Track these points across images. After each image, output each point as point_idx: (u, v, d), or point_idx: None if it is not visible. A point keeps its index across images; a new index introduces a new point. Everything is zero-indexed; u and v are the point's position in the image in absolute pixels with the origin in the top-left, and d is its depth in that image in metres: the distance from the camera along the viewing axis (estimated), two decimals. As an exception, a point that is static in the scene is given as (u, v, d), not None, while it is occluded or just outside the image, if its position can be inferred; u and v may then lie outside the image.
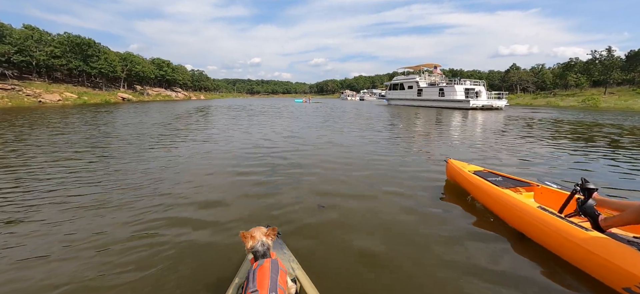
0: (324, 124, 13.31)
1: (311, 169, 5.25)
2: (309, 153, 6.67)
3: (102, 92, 46.87)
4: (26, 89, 34.94)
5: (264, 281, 1.33)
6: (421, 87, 35.29)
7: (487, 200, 3.26)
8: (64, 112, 19.82)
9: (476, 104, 27.18)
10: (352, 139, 9.01)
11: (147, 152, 6.54)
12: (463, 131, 11.83)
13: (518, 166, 5.63)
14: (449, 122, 15.43)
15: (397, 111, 25.91)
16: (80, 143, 7.60)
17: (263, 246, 1.58)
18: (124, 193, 3.88)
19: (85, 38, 44.80)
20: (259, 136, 9.28)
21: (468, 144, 8.17)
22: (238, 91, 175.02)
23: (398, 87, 40.61)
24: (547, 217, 2.43)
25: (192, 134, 9.83)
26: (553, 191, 3.02)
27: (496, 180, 3.39)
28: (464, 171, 3.81)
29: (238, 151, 6.89)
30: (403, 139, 9.21)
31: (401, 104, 38.90)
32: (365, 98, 76.11)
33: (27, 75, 41.64)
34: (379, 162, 5.83)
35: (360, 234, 2.82)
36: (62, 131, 9.82)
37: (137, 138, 8.60)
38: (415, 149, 7.41)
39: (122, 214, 3.22)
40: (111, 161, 5.74)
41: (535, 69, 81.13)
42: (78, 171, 4.92)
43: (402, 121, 16.01)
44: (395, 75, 50.73)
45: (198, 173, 4.95)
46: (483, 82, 30.26)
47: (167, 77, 72.20)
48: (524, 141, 8.75)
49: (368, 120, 16.22)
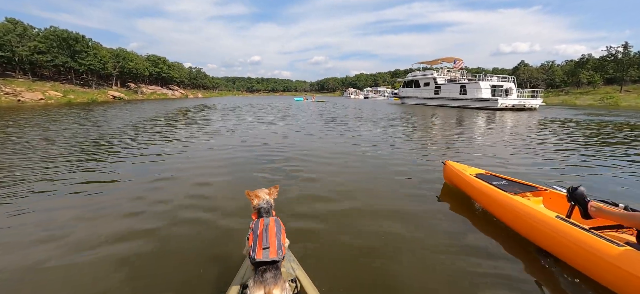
0: (346, 133, 10.50)
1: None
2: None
3: (91, 90, 44.04)
4: (5, 87, 32.21)
5: (272, 238, 1.52)
6: (439, 84, 31.73)
7: (496, 208, 2.98)
8: (32, 113, 17.07)
9: (505, 104, 23.75)
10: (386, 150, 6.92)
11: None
12: (490, 136, 9.63)
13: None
14: (472, 125, 12.98)
15: (411, 111, 23.21)
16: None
17: (267, 204, 1.78)
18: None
19: (72, 32, 41.83)
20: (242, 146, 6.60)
21: (500, 156, 6.28)
22: (238, 89, 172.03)
23: (413, 85, 36.99)
24: (571, 231, 2.18)
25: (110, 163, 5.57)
26: (562, 195, 2.80)
27: (501, 184, 3.15)
28: (465, 175, 3.54)
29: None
30: (412, 144, 7.90)
31: (416, 103, 35.45)
32: (369, 96, 73.24)
33: (10, 72, 38.94)
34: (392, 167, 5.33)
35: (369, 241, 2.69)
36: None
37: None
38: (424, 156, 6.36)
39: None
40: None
41: (545, 66, 78.66)
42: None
43: (416, 123, 13.38)
44: (398, 73, 47.31)
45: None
46: (513, 78, 26.47)
47: (162, 74, 69.32)
48: (593, 155, 6.46)
49: (389, 122, 13.69)
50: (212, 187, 4.19)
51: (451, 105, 29.30)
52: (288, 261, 1.92)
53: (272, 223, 1.62)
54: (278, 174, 4.82)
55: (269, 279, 1.42)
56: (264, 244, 1.49)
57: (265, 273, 1.44)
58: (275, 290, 1.41)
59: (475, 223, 3.02)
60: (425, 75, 34.78)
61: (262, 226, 1.59)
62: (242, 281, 1.70)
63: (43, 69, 42.64)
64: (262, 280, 1.42)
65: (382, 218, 3.14)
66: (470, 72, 34.01)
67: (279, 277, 1.46)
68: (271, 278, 1.43)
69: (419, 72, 36.86)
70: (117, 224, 3.02)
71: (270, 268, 1.45)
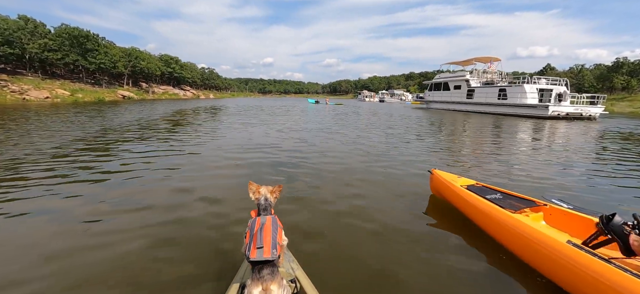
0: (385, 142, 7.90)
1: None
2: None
3: (100, 89, 43.01)
4: (13, 85, 31.20)
5: (267, 238, 1.51)
6: (472, 86, 28.12)
7: (492, 226, 2.63)
8: (21, 113, 15.23)
9: (558, 111, 20.07)
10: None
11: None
12: (547, 156, 7.20)
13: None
14: (516, 138, 10.41)
15: (438, 117, 20.28)
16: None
17: (266, 201, 1.77)
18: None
19: (83, 30, 40.85)
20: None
21: (571, 187, 4.53)
22: (250, 90, 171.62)
23: (441, 87, 33.28)
24: (588, 261, 1.76)
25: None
26: (564, 211, 2.52)
27: (495, 198, 2.85)
28: (454, 186, 3.21)
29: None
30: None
31: (444, 109, 31.91)
32: (385, 99, 70.04)
33: (21, 70, 38.23)
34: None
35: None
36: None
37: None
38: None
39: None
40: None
41: (574, 70, 73.98)
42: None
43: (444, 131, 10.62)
44: (413, 76, 43.87)
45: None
46: (565, 80, 22.44)
47: (175, 74, 68.41)
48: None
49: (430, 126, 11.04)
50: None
51: (487, 112, 25.79)
52: (287, 261, 1.94)
53: (268, 222, 1.61)
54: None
55: (266, 275, 1.43)
56: (258, 244, 1.48)
57: (262, 269, 1.44)
58: (273, 286, 1.42)
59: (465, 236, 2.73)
60: (455, 77, 31.09)
61: (258, 225, 1.59)
62: (242, 280, 1.72)
63: (54, 68, 41.88)
64: (259, 277, 1.43)
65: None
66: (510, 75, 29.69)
67: (276, 273, 1.47)
68: (268, 274, 1.43)
69: (449, 74, 33.10)
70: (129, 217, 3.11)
71: (267, 265, 1.46)
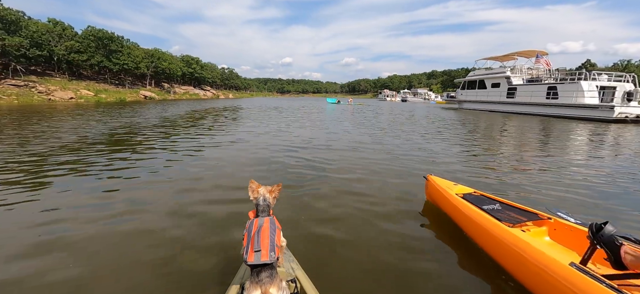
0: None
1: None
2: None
3: (124, 89, 43.69)
4: (40, 86, 31.98)
5: (265, 240, 1.46)
6: (514, 84, 24.97)
7: (486, 241, 2.36)
8: (33, 114, 14.72)
9: (627, 113, 16.93)
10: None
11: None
12: (610, 167, 5.92)
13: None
14: (573, 147, 8.40)
15: (473, 119, 17.89)
16: None
17: (264, 202, 1.71)
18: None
19: (107, 32, 41.61)
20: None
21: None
22: (269, 90, 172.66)
23: (476, 86, 30.11)
24: (590, 288, 1.51)
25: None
26: (570, 226, 2.22)
27: (493, 209, 2.58)
28: (448, 193, 3.00)
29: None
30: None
31: (479, 109, 28.78)
32: (408, 99, 66.88)
33: (50, 71, 39.49)
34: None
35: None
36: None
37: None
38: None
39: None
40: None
41: (618, 65, 67.65)
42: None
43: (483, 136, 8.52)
44: (435, 74, 40.47)
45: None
46: (633, 75, 18.86)
47: (195, 74, 69.17)
48: None
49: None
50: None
51: (532, 113, 22.56)
52: (287, 261, 1.92)
53: (266, 224, 1.57)
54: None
55: (265, 278, 1.41)
56: (255, 247, 1.45)
57: (261, 273, 1.42)
58: (272, 289, 1.40)
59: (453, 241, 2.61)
60: (493, 74, 27.83)
61: (255, 227, 1.55)
62: (242, 281, 1.70)
63: (81, 69, 43.00)
64: (258, 280, 1.41)
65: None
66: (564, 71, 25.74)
67: (275, 276, 1.45)
68: (267, 278, 1.41)
69: (485, 71, 29.80)
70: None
71: (266, 268, 1.43)
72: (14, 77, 31.38)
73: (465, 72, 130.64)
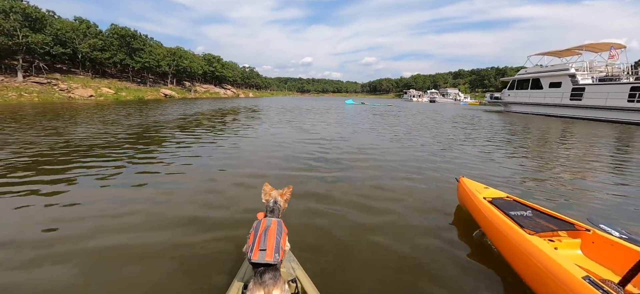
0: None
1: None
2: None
3: (145, 87, 43.41)
4: (62, 84, 31.86)
5: (271, 241, 1.48)
6: (581, 83, 20.82)
7: (507, 249, 2.13)
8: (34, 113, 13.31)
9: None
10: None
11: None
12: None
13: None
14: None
15: (529, 125, 14.68)
16: None
17: (275, 204, 1.76)
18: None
19: (130, 30, 41.44)
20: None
21: None
22: (289, 89, 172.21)
23: (529, 85, 26.00)
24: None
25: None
26: (612, 241, 1.88)
27: (521, 215, 2.28)
28: (474, 195, 2.76)
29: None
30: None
31: (532, 112, 24.78)
32: (436, 99, 62.54)
33: (75, 69, 39.83)
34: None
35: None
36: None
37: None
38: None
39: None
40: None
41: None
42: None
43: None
44: (462, 73, 36.06)
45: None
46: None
47: (216, 73, 68.84)
48: None
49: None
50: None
51: (606, 118, 18.71)
52: (288, 261, 1.92)
53: (273, 225, 1.58)
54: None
55: (268, 280, 1.40)
56: (261, 246, 1.45)
57: (264, 274, 1.41)
58: (275, 291, 1.39)
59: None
60: (551, 71, 23.57)
61: (263, 227, 1.56)
62: (243, 280, 1.69)
63: (105, 67, 43.22)
64: (261, 282, 1.39)
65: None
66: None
67: (278, 278, 1.43)
68: (270, 279, 1.40)
69: (541, 68, 25.52)
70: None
71: (269, 269, 1.42)
72: (38, 75, 31.46)
73: (495, 72, 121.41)
